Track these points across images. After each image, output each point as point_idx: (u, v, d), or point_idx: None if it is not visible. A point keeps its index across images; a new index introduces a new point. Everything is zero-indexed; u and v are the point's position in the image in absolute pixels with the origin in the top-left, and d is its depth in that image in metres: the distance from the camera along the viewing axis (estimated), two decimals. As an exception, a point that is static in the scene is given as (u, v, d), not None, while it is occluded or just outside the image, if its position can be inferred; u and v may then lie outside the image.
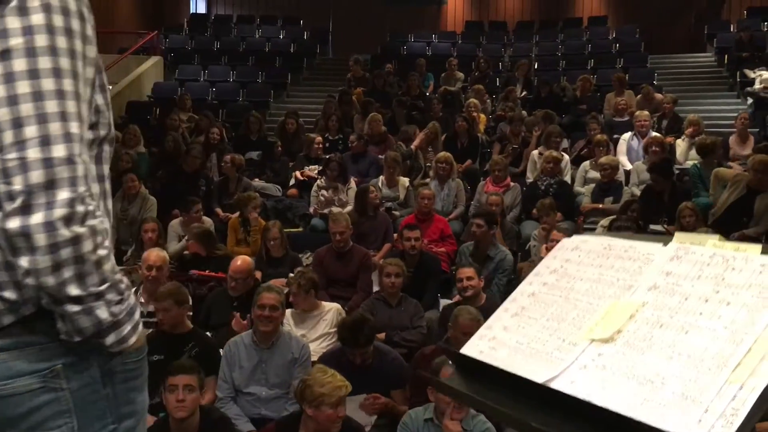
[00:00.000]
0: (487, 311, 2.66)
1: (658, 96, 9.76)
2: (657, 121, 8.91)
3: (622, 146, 7.84)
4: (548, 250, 3.58)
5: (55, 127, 1.01)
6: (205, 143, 8.29)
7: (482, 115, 9.62)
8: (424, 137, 7.99)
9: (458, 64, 11.75)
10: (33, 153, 0.99)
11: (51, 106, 1.02)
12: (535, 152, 7.70)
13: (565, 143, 8.17)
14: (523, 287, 1.11)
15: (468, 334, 1.18)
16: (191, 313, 4.30)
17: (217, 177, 7.75)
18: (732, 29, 13.10)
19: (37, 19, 1.03)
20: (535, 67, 13.26)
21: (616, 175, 6.86)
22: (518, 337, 1.04)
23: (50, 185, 1.00)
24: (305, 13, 15.55)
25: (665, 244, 1.02)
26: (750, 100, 10.36)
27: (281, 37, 14.82)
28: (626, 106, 9.24)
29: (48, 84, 1.02)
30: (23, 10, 1.03)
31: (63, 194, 1.01)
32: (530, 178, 7.49)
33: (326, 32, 15.27)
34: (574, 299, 1.04)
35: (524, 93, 11.06)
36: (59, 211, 0.99)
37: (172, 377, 3.16)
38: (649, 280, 0.97)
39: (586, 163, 7.38)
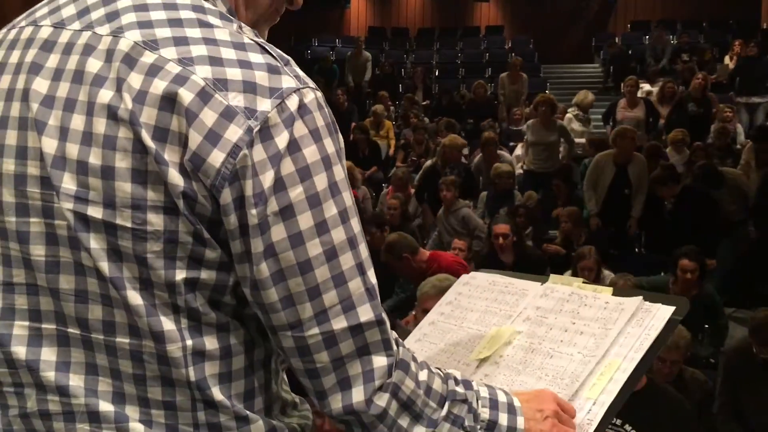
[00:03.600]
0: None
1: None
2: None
3: (518, 152, 8.33)
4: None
5: (355, 286, 0.85)
6: None
7: (387, 122, 9.93)
8: None
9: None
10: (338, 323, 0.84)
11: (346, 260, 0.84)
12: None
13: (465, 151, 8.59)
14: (425, 319, 1.33)
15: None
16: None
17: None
18: (617, 41, 14.01)
19: (311, 154, 0.81)
20: (436, 74, 13.76)
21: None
22: (420, 359, 1.26)
23: (364, 352, 0.86)
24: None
25: (543, 282, 1.27)
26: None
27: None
28: (521, 116, 9.78)
29: (338, 234, 0.83)
30: (294, 145, 0.80)
31: (379, 361, 0.86)
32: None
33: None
34: (467, 327, 1.27)
35: (426, 101, 11.47)
36: (378, 382, 0.86)
37: None
38: (523, 313, 1.21)
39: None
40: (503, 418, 0.95)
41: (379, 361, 0.86)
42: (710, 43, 12.87)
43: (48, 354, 0.85)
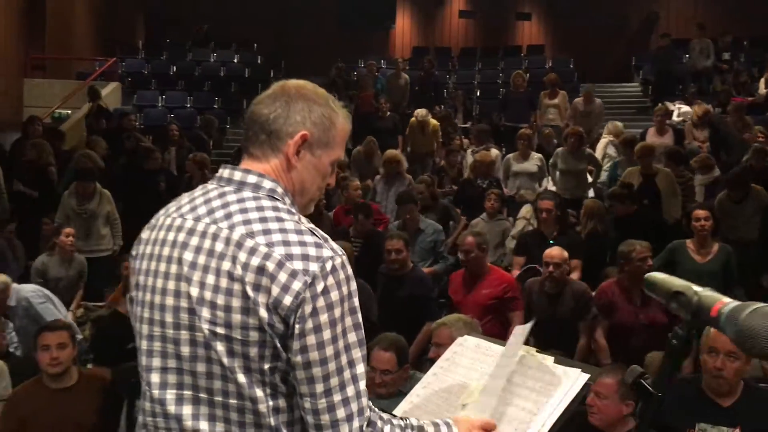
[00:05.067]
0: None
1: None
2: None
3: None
4: None
5: (348, 375, 1.38)
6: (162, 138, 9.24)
7: (432, 121, 10.08)
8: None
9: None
10: (336, 397, 1.37)
11: (345, 358, 1.38)
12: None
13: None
14: (430, 370, 1.84)
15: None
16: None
17: (175, 172, 8.57)
18: (657, 61, 14.21)
19: (335, 295, 1.37)
20: (477, 94, 14.20)
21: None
22: (423, 400, 1.77)
23: (349, 418, 1.38)
24: (259, 37, 16.11)
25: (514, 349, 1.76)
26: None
27: (235, 61, 15.40)
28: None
29: (344, 342, 1.38)
30: (325, 290, 1.36)
31: (357, 422, 1.39)
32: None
33: (279, 57, 15.88)
34: (457, 378, 1.76)
35: (467, 123, 11.90)
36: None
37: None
38: (494, 370, 1.70)
39: (510, 156, 8.11)
40: None
41: (357, 422, 1.40)
42: (751, 62, 13.02)
43: (187, 410, 1.45)
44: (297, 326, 1.35)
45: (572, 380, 1.57)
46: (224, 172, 1.52)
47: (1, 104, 11.88)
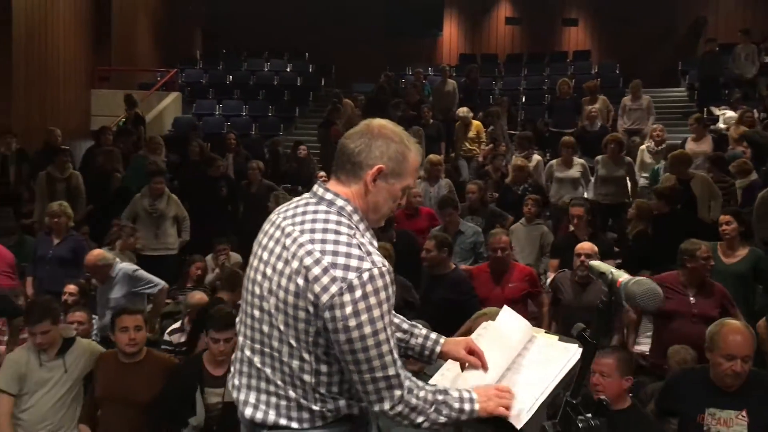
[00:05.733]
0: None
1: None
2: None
3: None
4: None
5: (389, 359, 1.81)
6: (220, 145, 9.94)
7: (475, 122, 10.54)
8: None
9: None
10: (378, 373, 1.80)
11: (383, 348, 1.78)
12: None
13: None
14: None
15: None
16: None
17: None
18: (704, 65, 14.23)
19: (372, 300, 1.77)
20: (523, 100, 14.46)
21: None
22: (450, 373, 2.17)
23: (389, 386, 1.81)
24: (310, 46, 16.68)
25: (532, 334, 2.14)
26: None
27: (288, 70, 16.00)
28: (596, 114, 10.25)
29: (379, 337, 1.78)
30: (363, 296, 1.76)
31: (396, 391, 1.82)
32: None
33: (330, 65, 16.42)
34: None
35: (511, 130, 12.18)
36: (396, 401, 1.82)
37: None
38: (516, 349, 2.10)
39: (553, 162, 8.36)
40: (466, 406, 1.90)
41: (396, 391, 1.83)
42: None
43: (256, 357, 1.94)
44: (340, 323, 1.76)
45: (572, 353, 1.96)
46: (316, 188, 1.98)
47: (71, 114, 12.69)
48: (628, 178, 8.15)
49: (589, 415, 1.70)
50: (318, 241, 1.83)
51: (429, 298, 5.36)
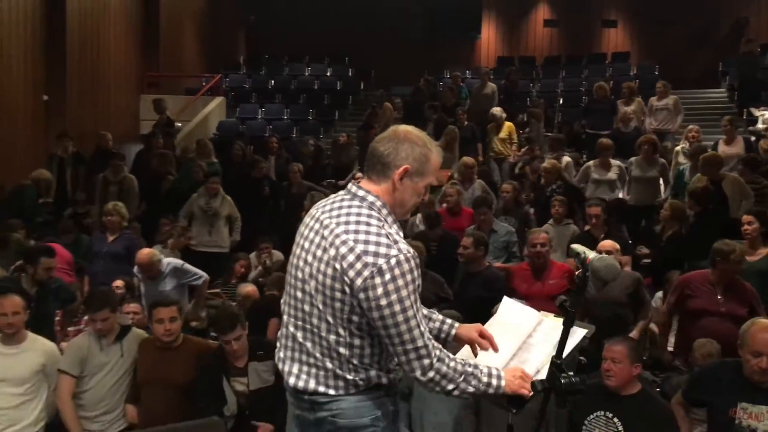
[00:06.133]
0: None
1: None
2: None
3: None
4: None
5: (417, 333, 2.08)
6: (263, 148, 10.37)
7: (507, 123, 10.69)
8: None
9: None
10: (409, 345, 2.08)
11: (412, 322, 2.06)
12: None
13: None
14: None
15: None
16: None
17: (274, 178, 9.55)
18: (744, 65, 14.12)
19: (400, 282, 2.05)
20: (560, 102, 14.54)
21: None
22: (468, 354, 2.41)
23: (420, 356, 2.09)
24: (350, 50, 16.99)
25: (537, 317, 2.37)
26: (753, 138, 11.35)
27: (328, 74, 16.36)
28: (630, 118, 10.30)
29: (408, 313, 2.06)
30: (392, 279, 2.04)
31: (426, 360, 2.09)
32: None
33: (369, 69, 16.71)
34: (498, 337, 2.39)
35: (548, 132, 12.28)
36: (426, 368, 2.10)
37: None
38: (526, 333, 2.33)
39: (590, 163, 8.51)
40: (494, 381, 2.15)
41: (425, 360, 2.10)
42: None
43: (299, 333, 2.25)
44: (373, 302, 2.04)
45: (576, 335, 2.20)
46: (350, 186, 2.28)
47: (122, 118, 13.25)
48: (661, 180, 8.24)
49: (571, 373, 1.93)
50: (351, 232, 2.11)
51: (463, 294, 5.59)
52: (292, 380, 2.23)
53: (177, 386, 4.15)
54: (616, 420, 3.54)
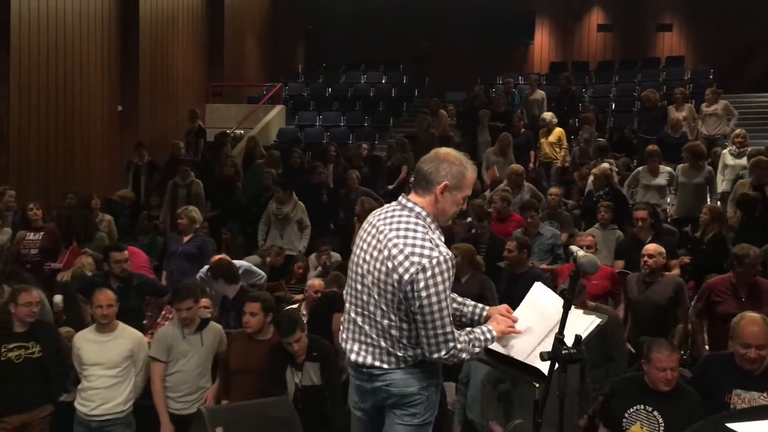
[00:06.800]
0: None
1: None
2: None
3: None
4: None
5: (447, 321, 2.55)
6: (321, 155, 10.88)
7: (557, 129, 10.87)
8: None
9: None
10: (438, 330, 2.54)
11: (444, 313, 2.52)
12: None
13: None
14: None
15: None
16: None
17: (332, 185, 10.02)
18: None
19: (439, 278, 2.51)
20: (613, 107, 14.66)
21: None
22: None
23: (444, 340, 2.55)
24: (404, 58, 17.43)
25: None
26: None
27: (383, 82, 16.85)
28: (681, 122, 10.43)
29: (442, 305, 2.51)
30: (432, 275, 2.50)
31: (450, 343, 2.57)
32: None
33: (423, 75, 17.10)
34: (525, 325, 2.79)
35: (600, 137, 12.45)
36: (451, 351, 2.57)
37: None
38: (554, 317, 2.72)
39: (640, 169, 8.71)
40: (488, 335, 2.69)
41: (450, 343, 2.59)
42: None
43: (359, 318, 2.73)
44: (416, 293, 2.50)
45: (591, 321, 2.59)
46: (401, 198, 2.72)
47: (189, 127, 13.97)
48: (708, 187, 8.42)
49: (570, 345, 2.35)
50: (401, 237, 2.59)
51: (508, 294, 5.95)
52: (353, 356, 2.70)
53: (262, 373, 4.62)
54: (656, 413, 3.75)
